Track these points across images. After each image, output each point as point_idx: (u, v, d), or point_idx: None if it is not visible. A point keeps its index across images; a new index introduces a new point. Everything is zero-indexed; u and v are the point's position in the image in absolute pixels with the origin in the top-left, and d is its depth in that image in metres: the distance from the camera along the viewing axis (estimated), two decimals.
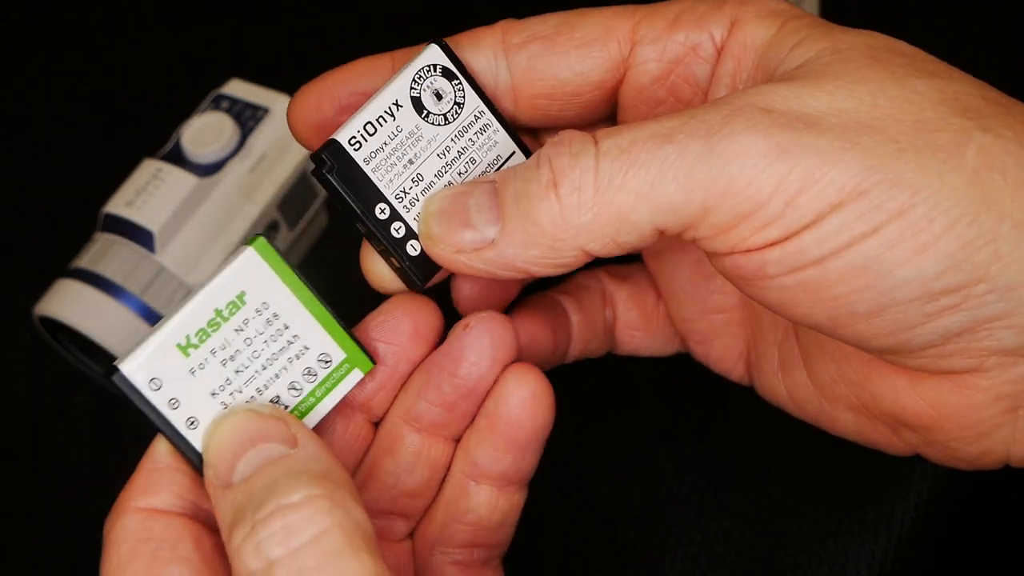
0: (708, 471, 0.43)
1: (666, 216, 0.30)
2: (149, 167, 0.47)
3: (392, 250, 0.33)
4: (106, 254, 0.46)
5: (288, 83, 0.49)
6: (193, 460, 0.31)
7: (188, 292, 0.46)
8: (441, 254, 0.32)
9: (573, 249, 0.31)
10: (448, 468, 0.35)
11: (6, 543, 0.45)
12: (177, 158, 0.47)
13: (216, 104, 0.49)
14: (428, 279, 0.34)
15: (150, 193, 0.46)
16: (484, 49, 0.34)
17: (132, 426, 0.47)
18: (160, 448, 0.31)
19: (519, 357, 0.34)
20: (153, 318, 0.45)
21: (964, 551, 0.41)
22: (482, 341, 0.33)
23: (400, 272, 0.34)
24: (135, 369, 0.30)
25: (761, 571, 0.41)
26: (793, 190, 0.29)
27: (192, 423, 0.31)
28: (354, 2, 0.58)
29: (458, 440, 0.35)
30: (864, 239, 0.28)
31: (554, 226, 0.30)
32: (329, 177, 0.32)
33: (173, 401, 0.31)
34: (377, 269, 0.34)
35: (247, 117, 0.48)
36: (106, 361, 0.46)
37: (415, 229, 0.33)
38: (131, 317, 0.45)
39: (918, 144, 0.29)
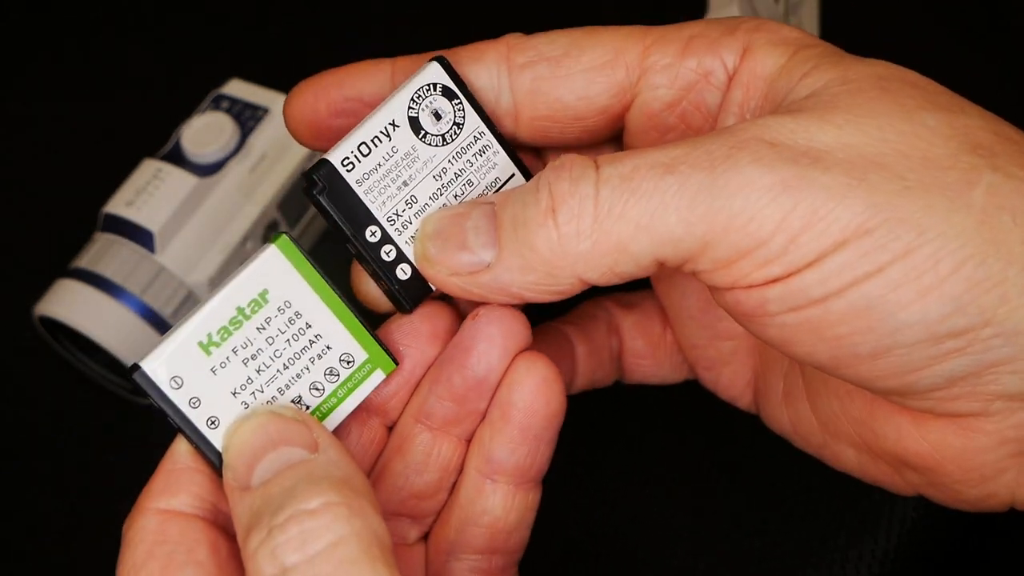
0: (708, 471, 0.43)
1: (666, 248, 0.29)
2: (149, 167, 0.47)
3: (381, 273, 0.33)
4: (106, 254, 0.46)
5: (288, 83, 0.49)
6: (213, 461, 0.31)
7: (186, 302, 0.46)
8: (436, 276, 0.32)
9: (570, 277, 0.30)
10: (459, 471, 0.34)
11: (6, 543, 0.45)
12: (177, 158, 0.47)
13: (216, 104, 0.49)
14: (418, 303, 0.33)
15: (150, 193, 0.46)
16: (487, 66, 0.34)
17: (132, 427, 0.48)
18: (180, 448, 0.31)
19: (529, 347, 0.33)
20: (153, 318, 0.45)
21: (964, 551, 0.41)
22: (491, 329, 0.33)
23: (389, 295, 0.33)
24: (157, 367, 0.30)
25: (761, 571, 0.41)
26: (796, 227, 0.28)
27: (213, 423, 0.31)
28: (354, 2, 0.58)
29: (469, 441, 0.34)
30: (867, 279, 0.28)
31: (551, 253, 0.30)
32: (320, 199, 0.32)
33: (194, 400, 0.30)
34: (366, 288, 0.34)
35: (247, 117, 0.48)
36: (106, 361, 0.46)
37: (406, 253, 0.33)
38: (131, 317, 0.45)
39: (926, 182, 0.28)
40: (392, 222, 0.32)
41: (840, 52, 0.32)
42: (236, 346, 0.31)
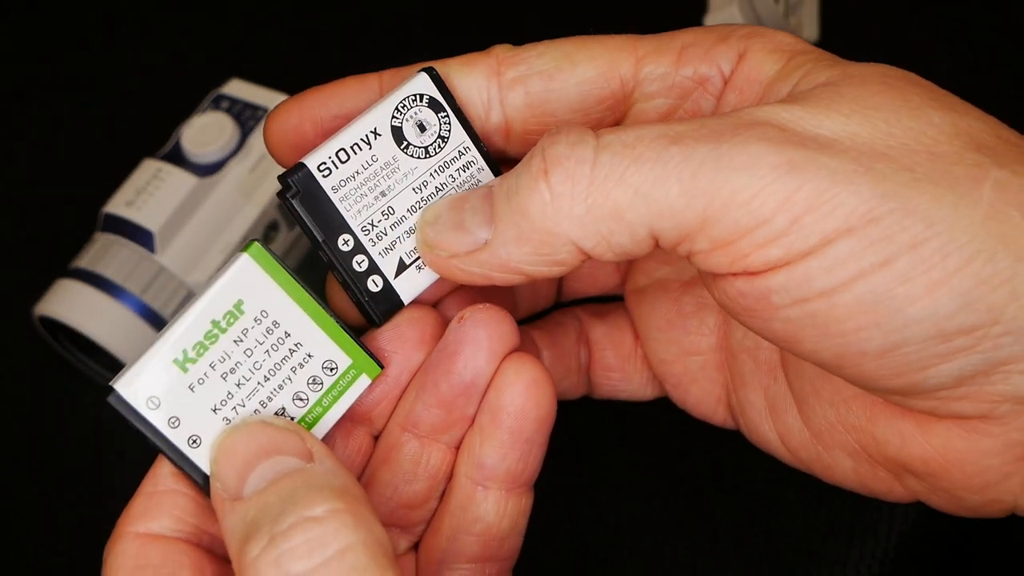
0: (706, 470, 0.43)
1: (664, 220, 0.28)
2: (149, 167, 0.47)
3: (352, 284, 0.32)
4: (106, 254, 0.46)
5: (288, 83, 0.49)
6: (198, 480, 0.30)
7: (186, 302, 0.46)
8: (436, 260, 0.31)
9: (566, 244, 0.29)
10: (449, 479, 0.34)
11: (6, 543, 0.45)
12: (177, 158, 0.47)
13: (216, 104, 0.49)
14: (388, 316, 0.32)
15: (150, 193, 0.46)
16: (476, 78, 0.33)
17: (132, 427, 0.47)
18: (163, 470, 0.30)
19: (517, 348, 0.33)
20: (153, 318, 0.45)
21: (964, 551, 0.41)
22: (477, 333, 0.32)
23: (359, 307, 0.32)
24: (131, 389, 0.29)
25: (761, 570, 0.41)
26: (800, 208, 0.27)
27: (194, 442, 0.30)
28: (355, 1, 0.58)
29: (458, 448, 0.33)
30: (874, 271, 0.27)
31: (544, 217, 0.29)
32: (292, 203, 0.31)
33: (173, 420, 0.30)
34: (340, 301, 0.33)
35: (247, 117, 0.48)
36: (106, 361, 0.46)
37: (379, 264, 0.32)
38: (131, 317, 0.45)
39: (934, 175, 0.28)
40: (367, 232, 0.32)
41: (836, 57, 0.32)
42: (213, 361, 0.30)
